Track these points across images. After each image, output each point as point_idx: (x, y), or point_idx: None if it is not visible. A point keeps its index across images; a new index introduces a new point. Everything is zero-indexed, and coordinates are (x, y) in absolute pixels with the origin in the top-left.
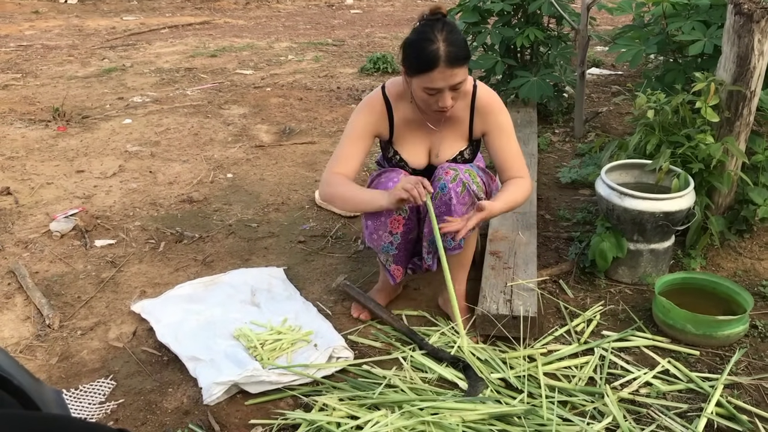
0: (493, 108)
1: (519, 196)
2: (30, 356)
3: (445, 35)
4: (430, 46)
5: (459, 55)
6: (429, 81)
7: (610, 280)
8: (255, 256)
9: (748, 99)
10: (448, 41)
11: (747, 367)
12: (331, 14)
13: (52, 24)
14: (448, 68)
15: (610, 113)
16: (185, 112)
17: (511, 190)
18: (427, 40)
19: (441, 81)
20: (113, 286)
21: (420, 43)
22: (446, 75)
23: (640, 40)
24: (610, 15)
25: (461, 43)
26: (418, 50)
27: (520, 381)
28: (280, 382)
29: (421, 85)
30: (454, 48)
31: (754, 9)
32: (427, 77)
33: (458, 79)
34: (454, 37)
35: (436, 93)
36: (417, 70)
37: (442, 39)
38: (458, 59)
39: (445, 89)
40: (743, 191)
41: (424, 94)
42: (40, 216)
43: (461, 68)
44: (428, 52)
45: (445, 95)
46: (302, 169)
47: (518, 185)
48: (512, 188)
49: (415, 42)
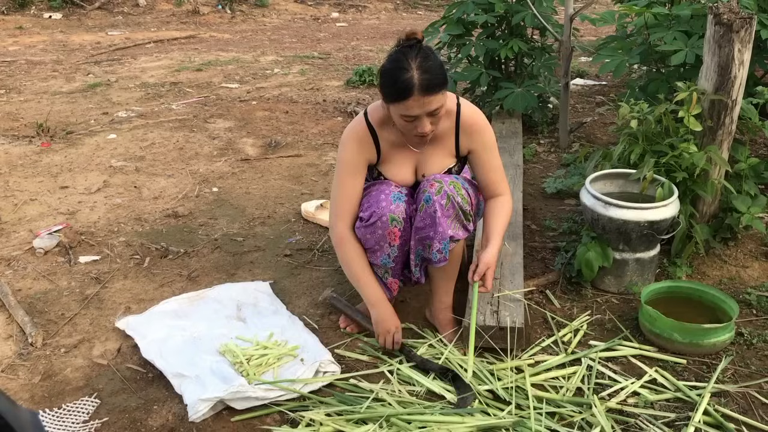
0: (478, 127)
1: (505, 219)
2: (12, 375)
3: (419, 62)
4: (404, 74)
5: (433, 82)
6: (405, 109)
7: (597, 289)
8: (241, 270)
9: (730, 108)
10: (422, 69)
11: (733, 374)
12: (317, 27)
13: (37, 39)
14: (423, 96)
15: (594, 123)
16: (170, 126)
17: (495, 219)
18: (401, 68)
19: (417, 108)
20: (97, 302)
21: (394, 72)
22: (422, 102)
23: (623, 50)
24: (593, 26)
25: (436, 70)
26: (393, 79)
27: (507, 392)
28: (266, 397)
29: (398, 113)
30: (428, 75)
31: (734, 19)
32: (403, 105)
33: (434, 105)
34: (428, 64)
35: (414, 119)
36: (392, 98)
37: (416, 67)
38: (432, 86)
39: (422, 116)
40: (727, 199)
41: (402, 121)
42: (23, 233)
43: (437, 95)
44: (402, 81)
45: (423, 121)
46: (288, 183)
47: (499, 210)
48: (495, 218)
49: (389, 70)
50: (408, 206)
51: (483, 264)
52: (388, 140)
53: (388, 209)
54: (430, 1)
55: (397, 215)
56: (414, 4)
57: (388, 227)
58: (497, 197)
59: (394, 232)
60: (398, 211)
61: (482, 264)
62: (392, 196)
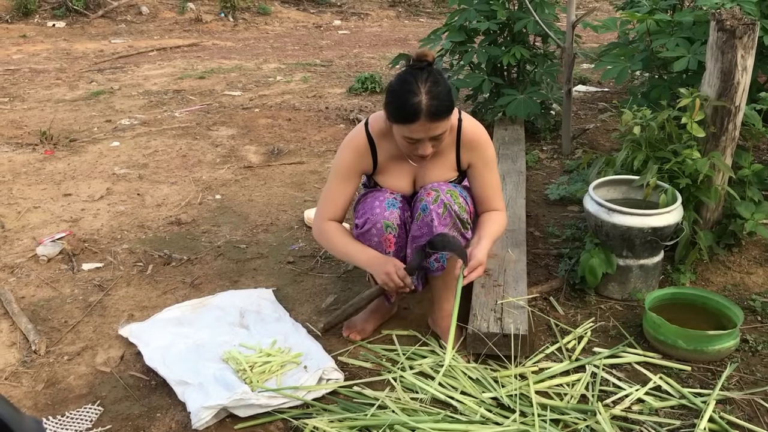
0: (479, 143)
1: (499, 228)
2: (15, 383)
3: (428, 87)
4: (412, 98)
5: (440, 108)
6: (408, 132)
7: (601, 296)
8: (244, 277)
9: (733, 114)
10: (431, 94)
11: (739, 381)
12: (319, 35)
13: (40, 48)
14: (430, 122)
15: (597, 130)
16: (173, 134)
17: (489, 225)
18: (409, 91)
19: (421, 133)
20: (101, 310)
21: (402, 95)
22: (427, 128)
23: (625, 57)
24: (595, 33)
25: (444, 96)
26: (400, 101)
27: (512, 400)
28: (269, 405)
29: (401, 134)
30: (436, 102)
31: (737, 25)
32: (407, 128)
33: (439, 131)
34: (437, 89)
35: (416, 142)
36: (398, 120)
37: (425, 91)
38: (439, 113)
39: (425, 139)
40: (731, 205)
41: (405, 141)
42: (26, 240)
43: (443, 121)
44: (410, 105)
45: (425, 144)
46: (291, 190)
47: (494, 219)
48: (489, 223)
49: (398, 92)
50: (403, 212)
51: (475, 260)
52: (387, 151)
53: (382, 216)
54: (432, 9)
55: (392, 222)
56: (416, 11)
57: (383, 234)
58: (492, 212)
59: (388, 239)
60: (392, 218)
61: (474, 260)
62: (386, 202)
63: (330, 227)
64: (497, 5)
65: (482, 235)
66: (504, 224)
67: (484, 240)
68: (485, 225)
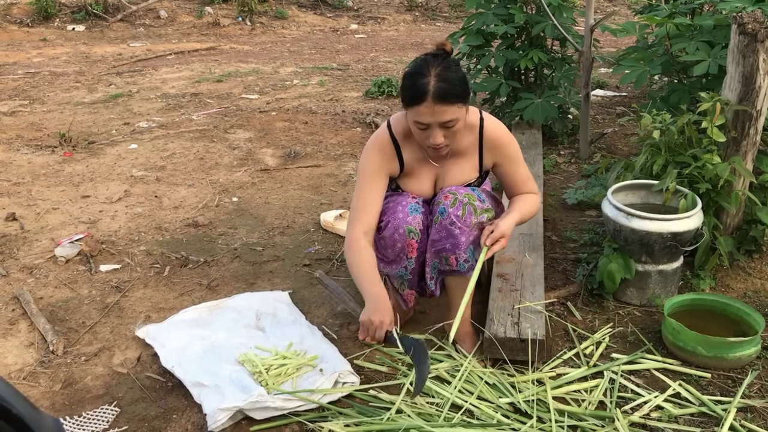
0: (502, 141)
1: (528, 207)
2: (33, 383)
3: (438, 71)
4: (420, 79)
5: (449, 92)
6: (417, 114)
7: (619, 301)
8: (260, 280)
9: (755, 118)
10: (440, 77)
11: (760, 389)
12: (336, 39)
13: (60, 51)
14: (436, 104)
15: (615, 134)
16: (191, 136)
17: (518, 203)
18: (419, 74)
19: (428, 116)
20: (118, 311)
21: (413, 76)
22: (434, 110)
23: (644, 61)
24: (614, 37)
25: (454, 81)
26: (410, 82)
27: (529, 405)
28: (285, 407)
29: (412, 118)
30: (444, 84)
31: (759, 29)
32: (415, 110)
33: (447, 117)
34: (447, 74)
35: (426, 128)
36: (407, 102)
37: (434, 74)
38: (447, 96)
39: (434, 125)
40: (751, 211)
41: (416, 128)
42: (45, 241)
43: (451, 106)
44: (417, 85)
45: (436, 132)
46: (307, 193)
47: (524, 199)
48: (518, 202)
49: (409, 74)
50: (425, 217)
51: (498, 231)
52: (411, 153)
53: (404, 221)
54: (449, 13)
55: (414, 227)
56: (433, 15)
57: (407, 239)
58: (523, 194)
59: (411, 244)
60: (415, 223)
61: (497, 231)
62: (409, 207)
63: (359, 245)
64: (515, 9)
65: (510, 210)
66: (535, 204)
67: (512, 214)
68: (514, 202)
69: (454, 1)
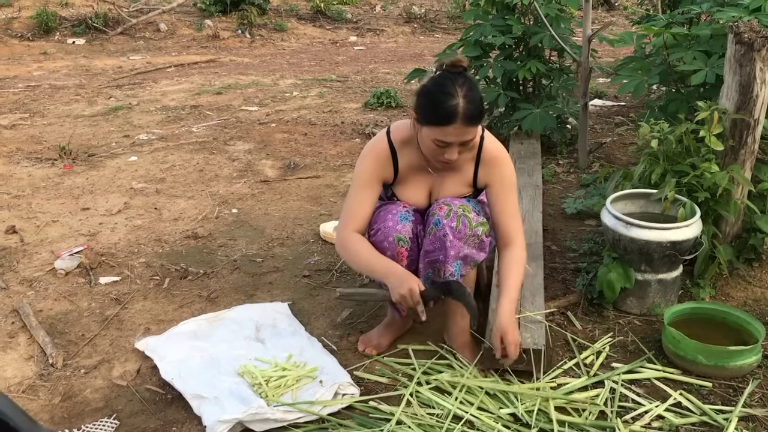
0: (499, 161)
1: (520, 274)
2: (33, 396)
3: (465, 91)
4: (449, 100)
5: (476, 113)
6: (442, 134)
7: (619, 311)
8: (259, 291)
9: (752, 127)
10: (468, 98)
11: (761, 398)
12: (335, 51)
13: (60, 64)
14: (464, 126)
15: (613, 144)
16: (191, 148)
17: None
18: (447, 93)
19: (454, 137)
20: (117, 323)
21: (439, 96)
22: (460, 132)
23: (642, 71)
24: (612, 47)
25: (479, 102)
26: (436, 102)
27: (530, 416)
28: (285, 419)
29: (432, 137)
30: (472, 106)
31: (755, 38)
32: (441, 130)
33: (470, 136)
34: (473, 94)
35: (446, 146)
36: (432, 121)
37: (462, 95)
38: (474, 118)
39: (455, 144)
40: (750, 219)
41: (433, 145)
42: (45, 254)
43: (475, 127)
44: (447, 107)
45: (453, 149)
46: (307, 204)
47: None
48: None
49: (434, 93)
50: (415, 225)
51: (496, 331)
52: (408, 160)
53: (394, 229)
54: (447, 24)
55: (404, 235)
56: (431, 27)
57: (396, 247)
58: (509, 247)
59: (400, 252)
60: (404, 231)
61: (495, 332)
62: (399, 215)
63: (353, 237)
64: (513, 20)
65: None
66: (523, 262)
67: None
68: (503, 277)
69: (452, 13)
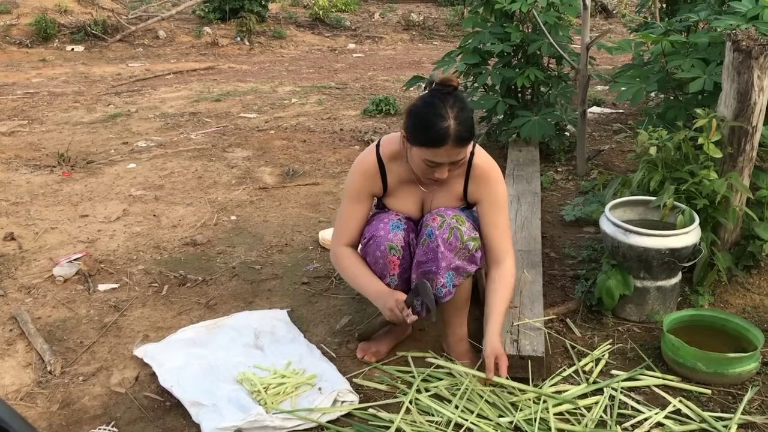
0: (489, 177)
1: (507, 295)
2: (31, 403)
3: (456, 112)
4: (440, 122)
5: (466, 135)
6: (432, 155)
7: (618, 318)
8: (258, 298)
9: (750, 134)
10: (458, 120)
11: (760, 405)
12: (334, 58)
13: (59, 71)
14: (455, 147)
15: (612, 151)
16: (189, 155)
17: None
18: (438, 115)
19: (445, 157)
20: (116, 330)
21: (430, 118)
22: (451, 153)
23: (640, 78)
24: (610, 54)
25: (469, 122)
26: (427, 124)
27: (529, 424)
28: (284, 426)
29: (422, 157)
30: (463, 128)
31: (753, 46)
32: (432, 151)
33: (461, 156)
34: (464, 115)
35: (436, 166)
36: (422, 143)
37: (453, 116)
38: (465, 139)
39: (445, 164)
40: (749, 227)
41: (423, 164)
42: (43, 261)
43: (467, 147)
44: (438, 129)
45: (444, 168)
46: (306, 211)
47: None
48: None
49: (425, 115)
50: (407, 234)
51: (490, 354)
52: (397, 175)
53: (386, 238)
54: (446, 32)
55: (396, 244)
56: (430, 35)
57: (388, 256)
58: (497, 266)
59: (392, 261)
60: (396, 240)
61: (489, 354)
62: (391, 224)
63: (344, 254)
64: (511, 28)
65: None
66: (511, 282)
67: (495, 326)
68: (490, 298)
69: (450, 21)
